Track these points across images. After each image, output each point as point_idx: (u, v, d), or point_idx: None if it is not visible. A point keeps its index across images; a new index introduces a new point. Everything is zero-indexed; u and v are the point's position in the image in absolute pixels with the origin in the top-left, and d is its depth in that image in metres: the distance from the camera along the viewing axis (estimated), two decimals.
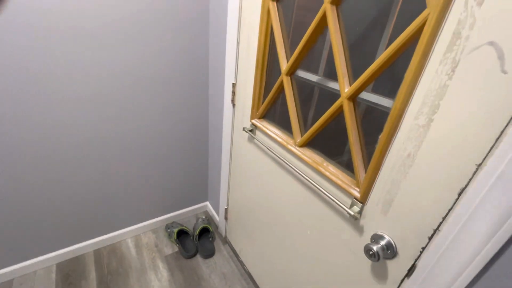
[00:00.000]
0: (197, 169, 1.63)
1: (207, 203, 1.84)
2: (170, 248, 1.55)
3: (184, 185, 1.64)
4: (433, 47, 0.48)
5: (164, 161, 1.47)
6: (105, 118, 1.18)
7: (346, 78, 0.66)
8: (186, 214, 1.77)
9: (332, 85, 0.80)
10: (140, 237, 1.60)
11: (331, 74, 0.83)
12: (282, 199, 1.01)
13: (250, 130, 1.08)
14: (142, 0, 1.04)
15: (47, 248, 1.33)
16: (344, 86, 0.66)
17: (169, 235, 1.60)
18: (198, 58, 1.29)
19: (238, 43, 1.04)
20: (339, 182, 0.72)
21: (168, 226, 1.63)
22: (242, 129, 1.16)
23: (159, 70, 1.21)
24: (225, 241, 1.64)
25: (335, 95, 0.80)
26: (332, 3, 0.65)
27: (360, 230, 0.71)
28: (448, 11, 0.45)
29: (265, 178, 1.08)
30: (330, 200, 0.77)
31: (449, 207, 0.50)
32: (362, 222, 0.70)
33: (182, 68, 1.27)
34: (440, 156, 0.50)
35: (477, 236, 0.46)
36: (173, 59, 1.22)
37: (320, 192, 0.80)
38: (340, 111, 0.70)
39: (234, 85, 1.13)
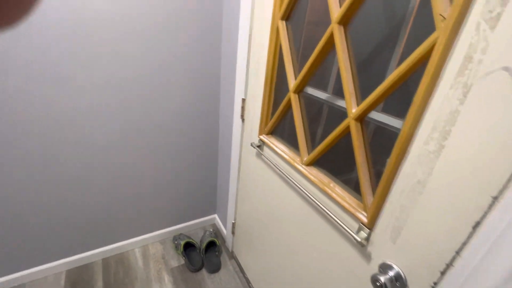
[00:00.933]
0: (206, 181, 1.64)
1: (215, 215, 1.83)
2: (176, 260, 1.54)
3: (193, 197, 1.65)
4: (443, 71, 0.45)
5: (174, 171, 1.49)
6: (116, 127, 1.22)
7: (354, 99, 0.64)
8: (194, 226, 1.77)
9: (341, 103, 0.78)
10: (148, 248, 1.61)
11: (341, 91, 0.81)
12: (289, 218, 0.98)
13: (258, 146, 1.07)
14: (158, 23, 1.09)
15: (58, 255, 1.37)
16: (351, 107, 0.65)
17: (176, 247, 1.59)
18: (210, 72, 1.31)
19: (248, 60, 1.05)
20: (346, 205, 0.69)
21: (176, 238, 1.63)
22: (250, 144, 1.15)
23: (172, 82, 1.24)
24: (232, 256, 1.61)
25: (345, 113, 0.78)
26: (339, 23, 0.64)
27: (367, 257, 0.67)
28: (459, 35, 0.43)
29: (272, 195, 1.06)
30: (336, 223, 0.74)
31: (463, 241, 0.46)
32: (369, 249, 0.66)
33: (195, 82, 1.30)
34: (452, 185, 0.47)
35: (495, 275, 0.42)
36: (187, 71, 1.25)
37: (327, 214, 0.77)
38: (347, 132, 0.68)
39: (243, 100, 1.14)
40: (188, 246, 1.59)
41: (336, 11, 0.64)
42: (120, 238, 1.52)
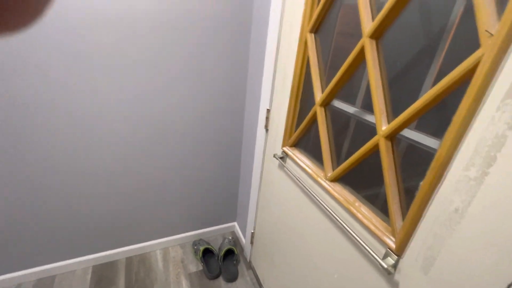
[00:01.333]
0: (227, 188, 1.65)
1: (235, 223, 1.83)
2: (195, 265, 1.56)
3: (214, 204, 1.67)
4: (488, 91, 0.42)
5: (197, 178, 1.52)
6: (141, 135, 1.28)
7: (384, 116, 0.61)
8: (213, 233, 1.78)
9: (371, 118, 0.75)
10: (169, 250, 1.64)
11: (370, 106, 0.78)
12: (310, 233, 0.95)
13: (281, 158, 1.06)
14: (186, 30, 1.13)
15: (86, 250, 1.44)
16: (381, 124, 0.61)
17: (195, 252, 1.61)
18: (237, 82, 1.33)
19: (274, 72, 1.05)
20: (372, 227, 0.65)
21: (195, 243, 1.65)
22: (273, 155, 1.14)
23: (199, 91, 1.28)
24: (249, 266, 1.59)
25: (374, 129, 0.75)
26: (371, 37, 0.62)
27: (394, 286, 0.62)
28: (508, 53, 0.39)
29: (293, 208, 1.04)
30: (360, 245, 0.70)
31: (509, 282, 0.41)
32: (397, 277, 0.61)
33: (221, 91, 1.32)
34: (496, 217, 0.42)
35: None
36: (213, 80, 1.28)
37: (350, 234, 0.73)
38: (376, 149, 0.65)
39: (268, 111, 1.14)
40: (207, 252, 1.60)
41: (368, 25, 0.62)
42: (143, 239, 1.57)
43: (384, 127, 0.61)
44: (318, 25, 0.81)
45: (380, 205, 0.72)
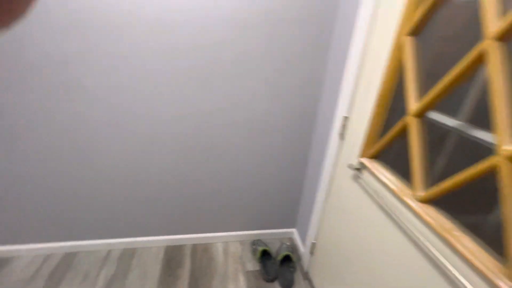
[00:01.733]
0: (290, 194, 1.64)
1: (294, 230, 1.80)
2: (252, 264, 1.59)
3: (275, 207, 1.67)
4: None
5: (259, 180, 1.55)
6: (212, 140, 1.37)
7: (510, 134, 0.51)
8: (271, 236, 1.79)
9: (481, 134, 0.63)
10: (229, 245, 1.72)
11: (480, 121, 0.66)
12: (385, 257, 0.86)
13: (357, 169, 0.99)
14: (265, 31, 1.17)
15: (162, 232, 1.63)
16: (504, 142, 0.51)
17: (253, 252, 1.65)
18: (311, 85, 1.31)
19: (357, 77, 1.00)
20: (477, 264, 0.55)
21: (254, 243, 1.69)
22: (347, 165, 1.08)
23: (271, 91, 1.31)
24: (306, 277, 1.54)
25: (484, 147, 0.63)
26: (499, 39, 0.52)
27: None
28: None
29: (366, 225, 0.96)
30: (460, 283, 0.59)
31: None
32: None
33: (293, 94, 1.32)
34: None
35: None
36: (287, 81, 1.29)
37: (445, 268, 0.63)
38: (490, 172, 0.54)
39: (345, 118, 1.09)
40: (265, 254, 1.61)
41: (494, 24, 0.53)
42: (208, 229, 1.69)
43: (508, 147, 0.51)
44: (419, 27, 0.73)
45: (486, 237, 0.60)
